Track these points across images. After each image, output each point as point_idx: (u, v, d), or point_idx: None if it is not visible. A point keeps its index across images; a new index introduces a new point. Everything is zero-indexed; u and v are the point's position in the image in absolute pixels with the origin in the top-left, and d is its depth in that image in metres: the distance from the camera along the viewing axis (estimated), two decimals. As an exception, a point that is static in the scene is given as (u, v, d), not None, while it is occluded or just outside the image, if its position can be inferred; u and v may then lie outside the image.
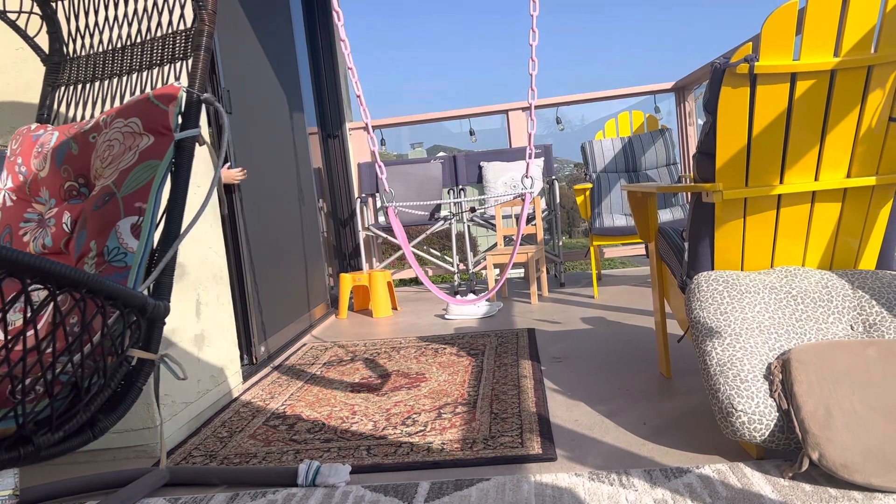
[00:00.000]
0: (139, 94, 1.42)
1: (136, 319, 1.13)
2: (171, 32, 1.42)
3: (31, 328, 1.16)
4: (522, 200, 2.37)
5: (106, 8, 1.54)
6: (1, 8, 1.60)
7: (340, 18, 2.34)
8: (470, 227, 4.47)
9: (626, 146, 4.04)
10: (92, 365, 1.06)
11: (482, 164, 4.69)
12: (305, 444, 1.86)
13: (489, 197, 3.54)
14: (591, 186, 3.82)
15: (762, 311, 1.60)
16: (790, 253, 1.75)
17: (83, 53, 1.57)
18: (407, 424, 1.94)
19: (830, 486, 1.33)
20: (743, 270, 1.75)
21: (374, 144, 2.44)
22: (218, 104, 1.29)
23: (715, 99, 1.61)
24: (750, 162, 1.65)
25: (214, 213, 2.45)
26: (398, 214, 4.50)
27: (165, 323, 1.23)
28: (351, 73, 2.38)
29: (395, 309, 4.00)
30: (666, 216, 3.80)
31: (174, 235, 1.24)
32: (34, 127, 1.51)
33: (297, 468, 1.60)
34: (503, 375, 2.34)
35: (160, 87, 1.32)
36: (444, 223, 4.42)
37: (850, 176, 1.67)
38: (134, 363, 1.17)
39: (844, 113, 1.60)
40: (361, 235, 4.62)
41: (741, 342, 1.53)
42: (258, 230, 3.00)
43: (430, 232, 4.57)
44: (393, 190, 4.62)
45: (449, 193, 4.74)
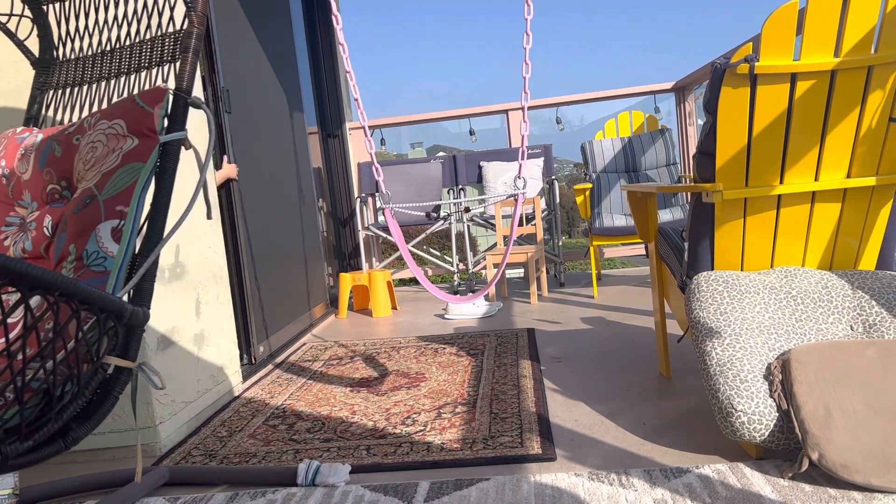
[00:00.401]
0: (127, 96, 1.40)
1: (113, 325, 1.09)
2: (160, 35, 1.40)
3: (0, 332, 1.12)
4: (515, 201, 2.38)
5: (97, 11, 1.52)
6: None
7: (339, 23, 2.34)
8: (470, 226, 4.47)
9: (625, 146, 4.04)
10: (65, 372, 1.03)
11: (482, 163, 4.69)
12: (305, 443, 1.86)
13: (483, 198, 3.54)
14: (590, 186, 3.82)
15: (762, 311, 1.60)
16: (790, 253, 1.75)
17: (73, 56, 1.55)
18: (407, 424, 1.94)
19: (830, 486, 1.33)
20: (743, 270, 1.75)
21: (371, 147, 2.44)
22: (205, 106, 1.26)
23: (715, 99, 1.61)
24: (750, 162, 1.65)
25: (215, 212, 2.45)
26: (397, 215, 4.51)
27: (144, 330, 1.17)
28: (349, 76, 2.38)
29: (394, 308, 4.00)
30: (666, 216, 3.80)
31: (156, 240, 1.20)
32: (20, 130, 1.48)
33: (296, 468, 1.60)
34: (503, 375, 2.34)
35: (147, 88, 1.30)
36: (443, 223, 4.42)
37: (850, 176, 1.67)
38: (110, 371, 1.14)
39: (844, 113, 1.60)
40: (361, 235, 4.62)
41: (741, 342, 1.53)
42: (258, 229, 3.00)
43: (429, 232, 4.57)
44: (393, 190, 4.63)
45: (449, 193, 4.74)
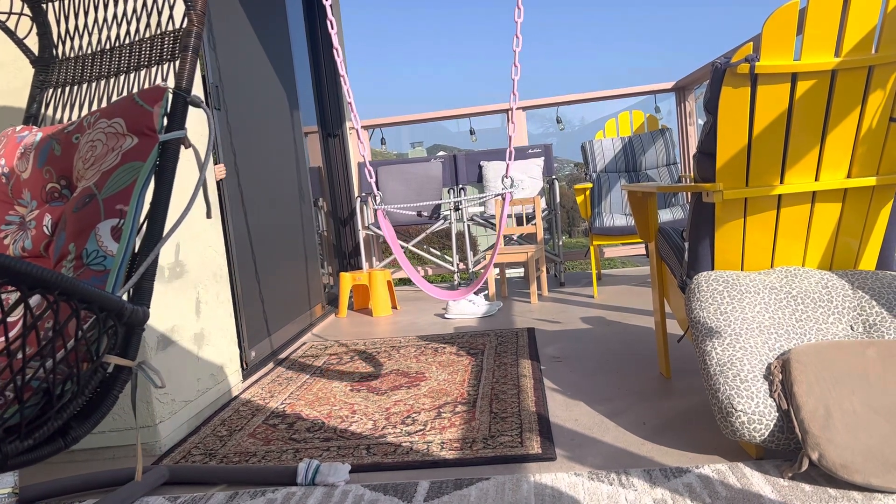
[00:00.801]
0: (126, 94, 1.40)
1: (113, 324, 1.09)
2: (160, 33, 1.39)
3: (0, 331, 1.12)
4: (503, 200, 2.40)
5: (96, 9, 1.51)
6: None
7: (334, 27, 2.34)
8: (470, 226, 4.47)
9: (626, 146, 4.04)
10: (65, 371, 1.03)
11: (482, 163, 4.69)
12: (305, 442, 1.86)
13: (472, 197, 3.55)
14: (591, 186, 3.82)
15: (762, 311, 1.60)
16: (790, 253, 1.75)
17: (72, 55, 1.55)
18: (406, 424, 1.94)
19: (830, 486, 1.33)
20: (743, 270, 1.75)
21: (364, 150, 2.46)
22: (204, 105, 1.26)
23: (715, 99, 1.61)
24: (750, 162, 1.65)
25: (215, 212, 2.45)
26: (394, 215, 4.51)
27: (144, 329, 1.17)
28: (343, 80, 2.39)
29: (394, 308, 4.00)
30: (666, 216, 3.80)
31: (156, 239, 1.20)
32: (19, 128, 1.48)
33: (296, 467, 1.60)
34: (503, 375, 2.34)
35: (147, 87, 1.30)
36: (444, 222, 4.42)
37: (850, 176, 1.67)
38: (110, 370, 1.13)
39: (845, 113, 1.60)
40: (361, 234, 4.62)
41: (741, 342, 1.53)
42: (253, 229, 3.00)
43: (429, 231, 4.57)
44: (393, 189, 4.63)
45: (449, 193, 4.74)
